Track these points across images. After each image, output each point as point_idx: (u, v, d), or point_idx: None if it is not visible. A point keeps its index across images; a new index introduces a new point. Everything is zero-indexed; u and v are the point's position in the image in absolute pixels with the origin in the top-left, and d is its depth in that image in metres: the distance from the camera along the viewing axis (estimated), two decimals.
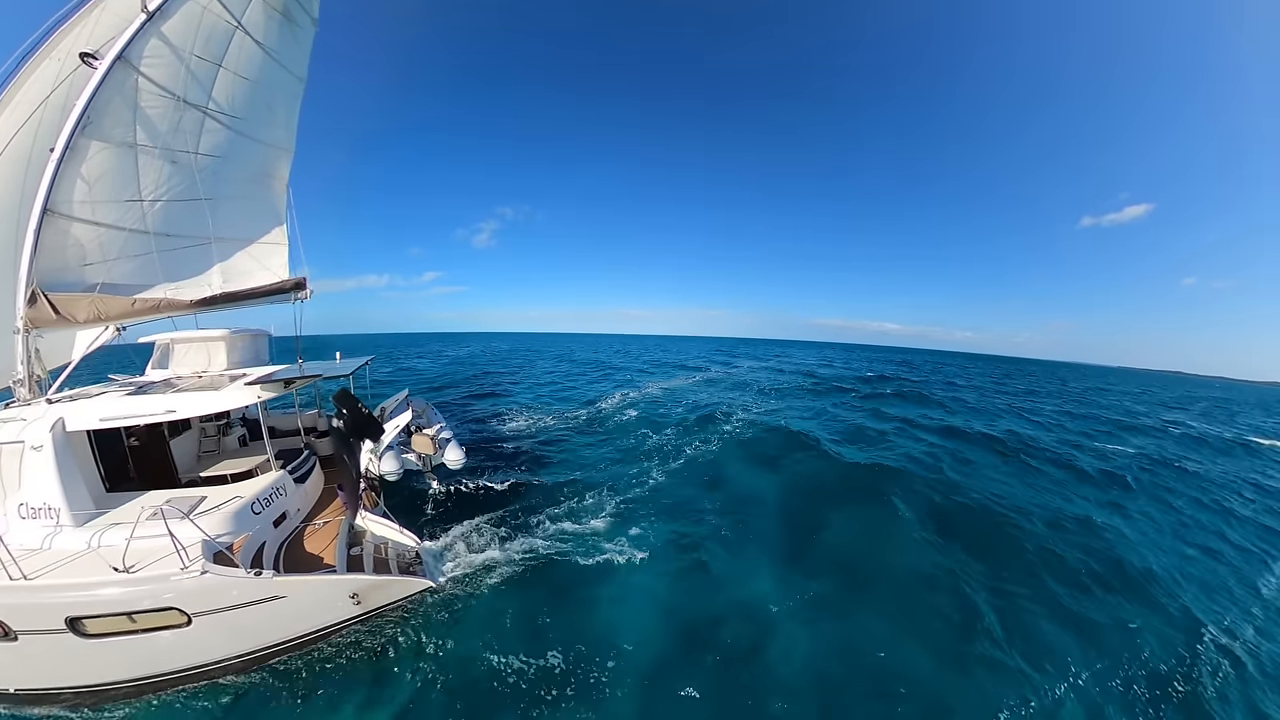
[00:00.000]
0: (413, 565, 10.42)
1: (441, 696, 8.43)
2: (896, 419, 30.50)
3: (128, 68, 8.62)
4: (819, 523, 14.71)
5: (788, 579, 11.83)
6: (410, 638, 9.55)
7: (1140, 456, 25.77)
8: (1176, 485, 21.27)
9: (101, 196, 8.85)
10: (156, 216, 10.03)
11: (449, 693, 8.48)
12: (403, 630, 9.69)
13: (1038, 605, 11.30)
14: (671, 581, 11.62)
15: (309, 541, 10.48)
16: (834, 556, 12.95)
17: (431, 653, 9.26)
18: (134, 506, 9.07)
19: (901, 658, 9.50)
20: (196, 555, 7.73)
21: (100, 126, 8.40)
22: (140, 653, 7.74)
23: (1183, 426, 37.98)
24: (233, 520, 9.11)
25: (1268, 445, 33.17)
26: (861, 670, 9.27)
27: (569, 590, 11.09)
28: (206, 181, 10.91)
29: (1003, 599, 11.44)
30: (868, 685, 8.93)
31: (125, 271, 9.63)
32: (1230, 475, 23.86)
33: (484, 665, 8.98)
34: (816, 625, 10.33)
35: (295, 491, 11.19)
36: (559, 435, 24.00)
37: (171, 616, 7.52)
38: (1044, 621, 10.76)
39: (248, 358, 14.22)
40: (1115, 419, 39.40)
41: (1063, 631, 10.52)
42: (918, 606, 11.00)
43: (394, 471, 12.33)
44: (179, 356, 13.24)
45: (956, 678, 9.16)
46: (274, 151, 12.76)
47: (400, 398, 17.99)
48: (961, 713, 8.44)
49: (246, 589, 7.79)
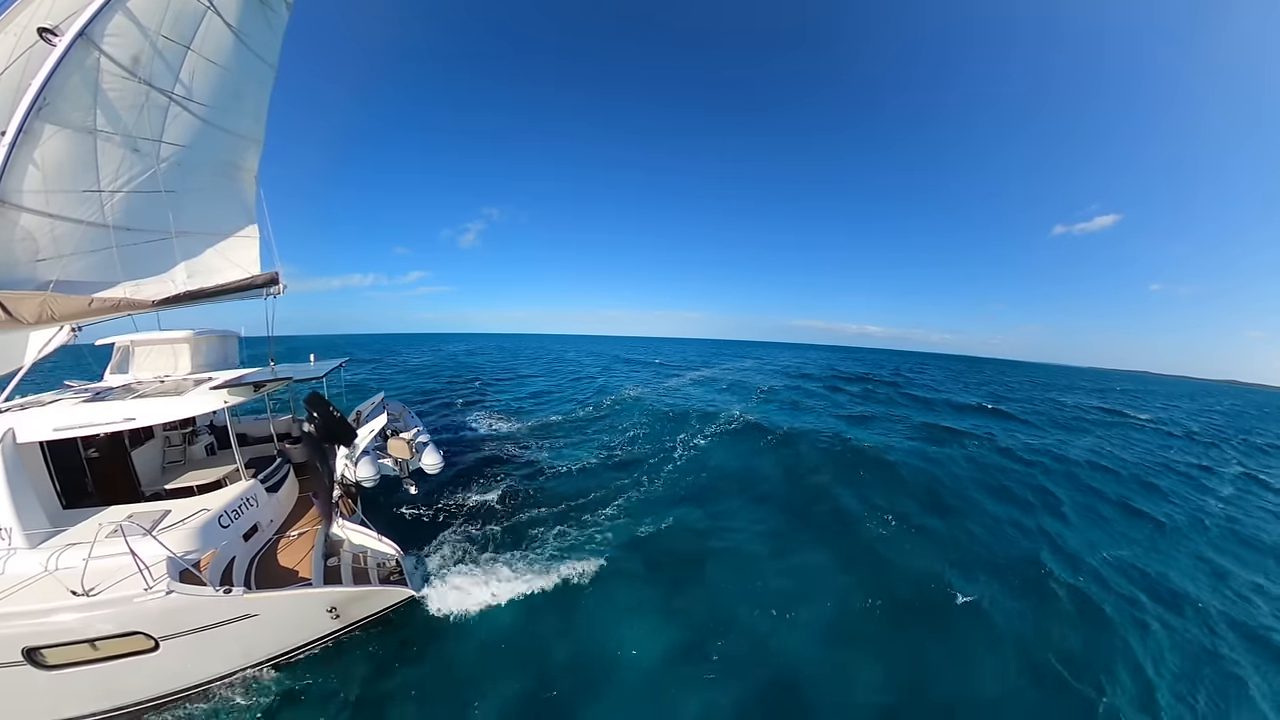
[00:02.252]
0: (393, 574, 10.11)
1: (429, 711, 8.15)
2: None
3: (89, 46, 7.95)
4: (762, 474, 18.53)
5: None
6: (393, 651, 9.20)
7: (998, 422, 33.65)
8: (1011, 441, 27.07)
9: (56, 186, 8.17)
10: (116, 209, 9.35)
11: (436, 706, 8.21)
12: (385, 644, 9.33)
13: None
14: (659, 587, 11.48)
15: (283, 554, 10.01)
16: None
17: (416, 666, 8.96)
18: (93, 524, 8.53)
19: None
20: (161, 574, 7.25)
21: (57, 109, 7.72)
22: (105, 683, 7.19)
23: (1070, 409, 45.35)
24: (199, 535, 8.61)
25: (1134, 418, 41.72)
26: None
27: (557, 593, 10.88)
28: (171, 172, 10.26)
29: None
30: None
31: (82, 268, 8.95)
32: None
33: (471, 676, 8.73)
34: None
35: (267, 502, 10.68)
36: (540, 437, 23.69)
37: (137, 641, 7.01)
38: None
39: (215, 360, 13.52)
40: (1015, 399, 49.32)
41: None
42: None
43: (370, 477, 12.02)
44: (140, 360, 12.53)
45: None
46: (242, 142, 12.11)
47: (376, 401, 17.43)
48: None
49: (216, 608, 7.38)
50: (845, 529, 14.87)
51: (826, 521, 15.36)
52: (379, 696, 8.31)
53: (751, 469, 19.82)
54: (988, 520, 16.04)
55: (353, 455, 12.23)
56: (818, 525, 15.01)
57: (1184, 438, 34.97)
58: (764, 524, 14.89)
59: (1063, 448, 26.62)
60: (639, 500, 16.08)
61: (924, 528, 15.04)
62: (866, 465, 20.21)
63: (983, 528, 15.44)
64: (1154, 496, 20.08)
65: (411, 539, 12.60)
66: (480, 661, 9.06)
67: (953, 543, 14.31)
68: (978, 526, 15.47)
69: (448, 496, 15.48)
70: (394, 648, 9.27)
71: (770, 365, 74.79)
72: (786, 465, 20.34)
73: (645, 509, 15.37)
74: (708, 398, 37.01)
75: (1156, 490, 20.85)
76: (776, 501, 16.68)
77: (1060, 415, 40.34)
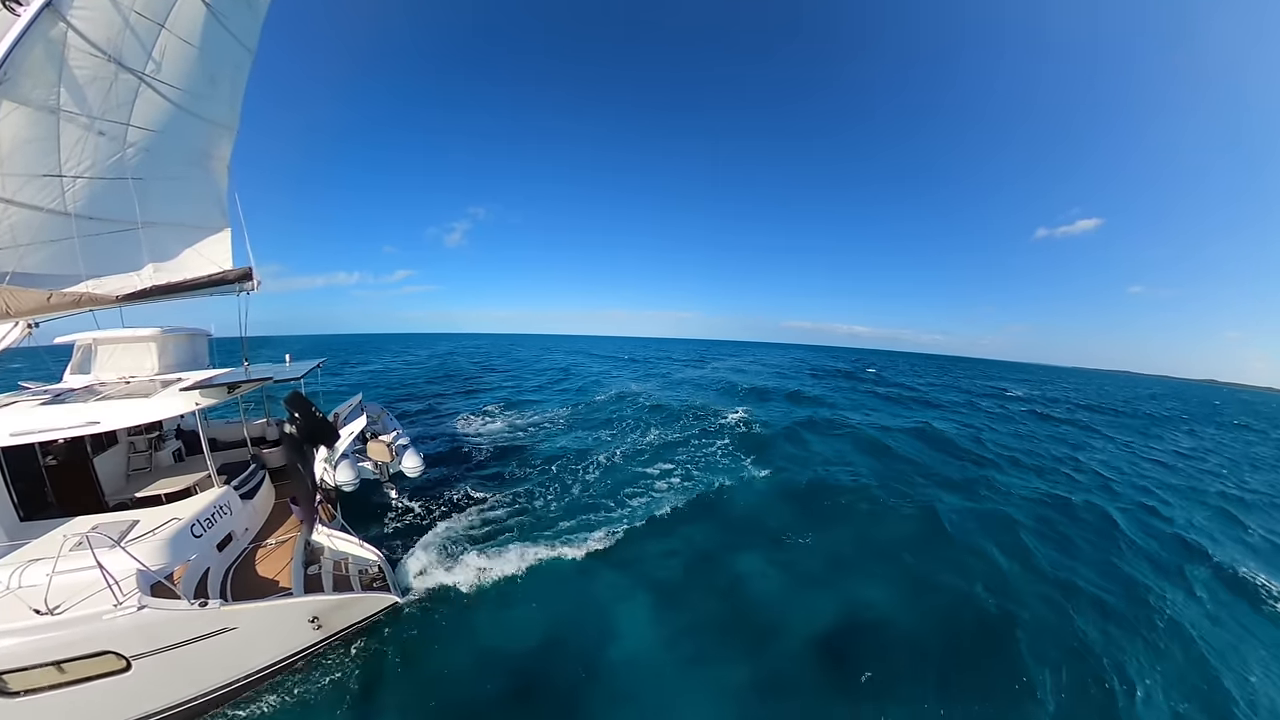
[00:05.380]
0: (376, 581, 9.86)
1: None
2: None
3: (55, 17, 7.32)
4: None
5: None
6: (378, 660, 8.92)
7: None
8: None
9: (14, 169, 7.52)
10: (79, 195, 8.72)
11: (423, 715, 7.96)
12: (369, 652, 9.05)
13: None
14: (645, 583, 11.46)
15: (261, 564, 9.56)
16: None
17: (402, 674, 8.72)
18: (55, 537, 7.98)
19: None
20: (131, 589, 6.80)
21: (18, 84, 7.08)
22: (75, 708, 6.66)
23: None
24: (171, 546, 8.17)
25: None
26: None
27: (542, 595, 10.77)
28: (139, 158, 9.66)
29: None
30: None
31: (40, 259, 8.32)
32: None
33: (459, 682, 8.55)
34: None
35: (242, 509, 10.20)
36: (522, 439, 23.35)
37: (108, 662, 6.54)
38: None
39: (184, 360, 12.83)
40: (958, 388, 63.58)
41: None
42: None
43: (350, 481, 11.73)
44: (103, 359, 11.86)
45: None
46: (215, 129, 11.52)
47: (354, 403, 16.83)
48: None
49: (192, 623, 6.96)
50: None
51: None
52: (365, 708, 7.98)
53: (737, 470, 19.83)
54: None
55: (331, 459, 11.82)
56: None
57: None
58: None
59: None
60: (618, 496, 16.12)
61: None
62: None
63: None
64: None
65: (394, 544, 12.35)
66: (467, 665, 8.85)
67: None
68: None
69: (429, 499, 15.10)
70: (378, 657, 8.95)
71: (759, 364, 76.52)
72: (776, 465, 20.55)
73: (625, 504, 15.49)
74: (688, 395, 37.03)
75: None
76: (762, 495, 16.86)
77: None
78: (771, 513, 15.61)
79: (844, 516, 15.69)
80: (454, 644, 9.30)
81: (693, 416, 28.49)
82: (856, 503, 16.67)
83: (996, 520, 15.78)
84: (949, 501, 17.16)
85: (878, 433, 26.75)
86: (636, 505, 15.40)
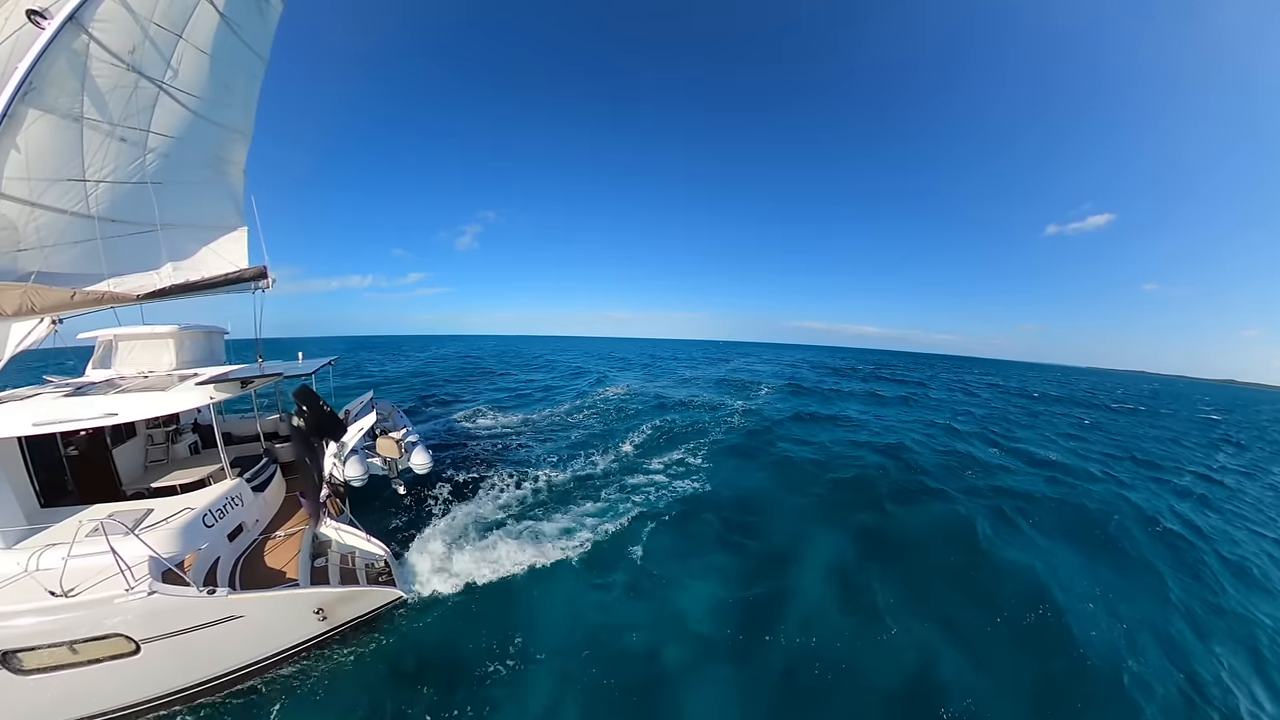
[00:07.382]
0: (382, 575, 10.00)
1: (418, 714, 7.94)
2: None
3: (78, 30, 7.71)
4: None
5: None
6: (382, 654, 9.02)
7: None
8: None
9: (40, 174, 7.90)
10: (101, 199, 9.09)
11: (427, 711, 8.00)
12: (374, 646, 9.14)
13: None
14: (651, 581, 11.47)
15: (269, 555, 9.81)
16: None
17: (406, 669, 8.77)
18: (72, 523, 8.28)
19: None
20: (143, 575, 7.04)
21: (43, 94, 7.46)
22: (85, 688, 6.94)
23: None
24: (182, 534, 8.41)
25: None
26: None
27: (546, 594, 10.79)
28: (158, 163, 10.02)
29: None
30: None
31: (65, 259, 8.68)
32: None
33: (463, 679, 8.57)
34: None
35: (253, 501, 10.46)
36: (529, 437, 23.49)
37: (118, 644, 6.79)
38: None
39: (200, 356, 13.24)
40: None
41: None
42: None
43: (359, 476, 11.81)
44: (123, 355, 12.26)
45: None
46: (231, 135, 11.89)
47: (365, 400, 17.17)
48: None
49: (200, 610, 7.19)
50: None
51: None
52: (367, 701, 8.11)
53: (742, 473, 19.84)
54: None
55: (341, 454, 12.05)
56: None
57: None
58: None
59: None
60: (623, 489, 16.26)
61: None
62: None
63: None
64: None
65: (400, 539, 12.48)
66: (471, 661, 8.90)
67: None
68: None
69: (437, 496, 15.27)
70: (382, 650, 9.08)
71: (766, 366, 75.79)
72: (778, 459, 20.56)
73: (631, 498, 15.62)
74: (691, 393, 37.06)
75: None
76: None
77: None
78: (774, 511, 15.52)
79: (866, 505, 16.09)
80: (457, 640, 9.38)
81: (706, 409, 29.75)
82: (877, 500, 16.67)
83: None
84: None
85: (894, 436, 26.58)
86: (645, 503, 15.46)
